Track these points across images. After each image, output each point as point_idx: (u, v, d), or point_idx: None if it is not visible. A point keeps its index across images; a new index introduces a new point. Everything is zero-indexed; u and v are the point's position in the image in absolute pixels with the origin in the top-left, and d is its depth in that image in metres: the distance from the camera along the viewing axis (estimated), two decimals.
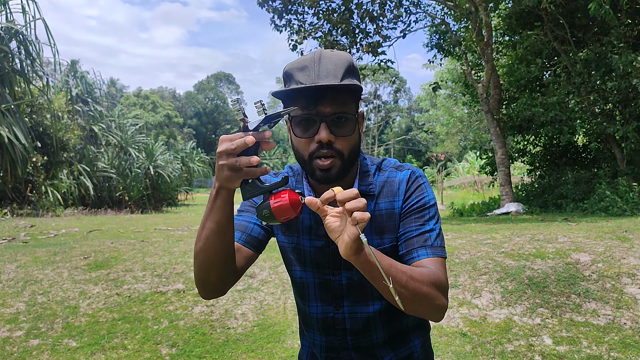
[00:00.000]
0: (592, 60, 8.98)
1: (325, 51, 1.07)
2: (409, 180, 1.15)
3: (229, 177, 0.91)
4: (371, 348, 1.20)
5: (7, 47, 12.37)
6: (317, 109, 1.02)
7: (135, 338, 3.45)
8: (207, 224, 0.99)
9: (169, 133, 46.09)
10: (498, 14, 12.47)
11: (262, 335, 3.48)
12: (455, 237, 5.30)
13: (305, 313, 1.25)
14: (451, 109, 30.36)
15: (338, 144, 1.05)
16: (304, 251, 1.19)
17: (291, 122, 1.07)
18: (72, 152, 16.74)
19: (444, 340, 3.22)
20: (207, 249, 1.01)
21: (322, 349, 1.24)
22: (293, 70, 1.06)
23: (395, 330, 1.22)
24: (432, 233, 1.09)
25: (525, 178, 15.10)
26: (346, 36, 11.89)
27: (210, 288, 1.09)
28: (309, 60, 1.05)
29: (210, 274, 1.05)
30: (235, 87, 74.56)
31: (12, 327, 3.59)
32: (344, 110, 1.04)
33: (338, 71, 1.03)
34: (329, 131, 1.02)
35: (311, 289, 1.21)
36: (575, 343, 3.03)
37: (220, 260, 1.03)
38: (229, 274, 1.08)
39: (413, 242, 1.08)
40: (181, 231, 7.83)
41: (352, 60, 1.08)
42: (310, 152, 1.06)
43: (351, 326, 1.19)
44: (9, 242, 6.67)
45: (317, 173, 1.06)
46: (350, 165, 1.09)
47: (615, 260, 4.00)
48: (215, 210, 0.97)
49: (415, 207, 1.11)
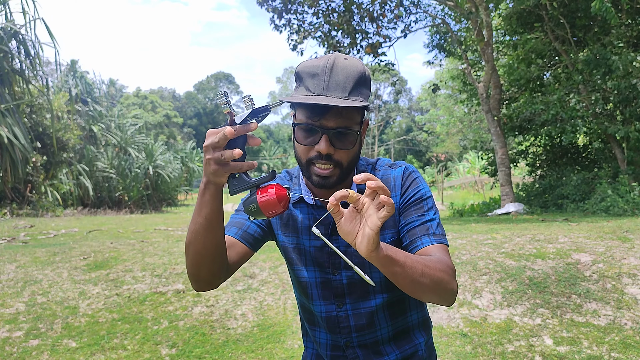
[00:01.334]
0: (592, 60, 8.97)
1: (340, 59, 1.06)
2: (403, 175, 1.18)
3: (215, 171, 0.91)
4: (376, 345, 1.22)
5: (6, 47, 12.37)
6: (320, 121, 1.03)
7: (135, 338, 3.44)
8: (196, 219, 1.00)
9: (168, 133, 46.07)
10: (499, 13, 12.47)
11: (262, 335, 3.47)
12: (456, 237, 5.29)
13: (310, 311, 1.26)
14: (451, 109, 30.37)
15: (337, 155, 1.06)
16: (305, 251, 1.20)
17: (294, 127, 1.08)
18: (71, 152, 16.74)
19: (445, 341, 3.21)
20: (196, 244, 1.02)
21: (328, 347, 1.25)
22: (304, 74, 1.07)
23: (400, 326, 1.23)
24: (432, 222, 1.12)
25: (526, 178, 15.09)
26: (346, 36, 11.88)
27: (201, 281, 1.10)
28: (321, 68, 1.04)
29: (201, 268, 1.06)
30: (235, 87, 74.55)
31: (12, 327, 3.58)
32: (347, 125, 1.05)
33: (348, 84, 1.03)
34: (329, 144, 1.04)
35: (314, 289, 1.22)
36: (576, 343, 3.02)
37: (210, 255, 1.04)
38: (220, 268, 1.08)
39: (416, 232, 1.10)
40: (181, 231, 7.82)
41: (365, 70, 1.07)
42: (309, 158, 1.07)
43: (355, 322, 1.20)
44: (8, 242, 6.66)
45: (314, 178, 1.08)
46: (349, 173, 1.12)
47: (616, 260, 3.99)
48: (204, 205, 0.98)
49: (414, 200, 1.14)
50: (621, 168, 9.56)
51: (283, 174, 1.29)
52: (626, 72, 8.46)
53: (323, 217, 1.02)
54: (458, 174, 30.19)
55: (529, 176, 13.24)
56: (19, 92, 13.34)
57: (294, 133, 1.09)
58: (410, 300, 1.24)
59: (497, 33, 12.78)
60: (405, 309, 1.24)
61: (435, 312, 3.55)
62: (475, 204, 14.56)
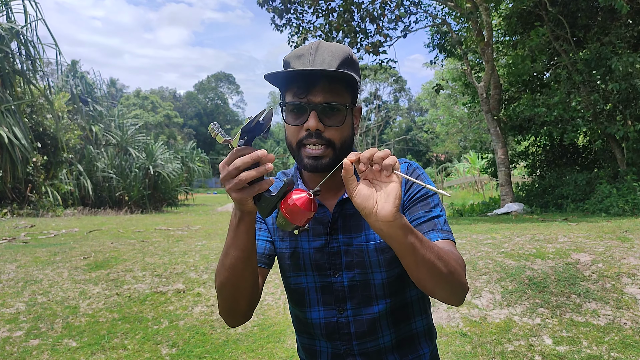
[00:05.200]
0: (593, 60, 8.98)
1: (324, 42, 1.07)
2: (407, 172, 1.15)
3: (239, 199, 0.88)
4: (379, 354, 1.16)
5: (7, 47, 12.38)
6: (307, 97, 1.02)
7: (135, 338, 3.45)
8: (232, 252, 0.98)
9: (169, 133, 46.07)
10: (499, 13, 12.47)
11: (262, 335, 3.48)
12: (456, 237, 5.27)
13: (306, 322, 1.21)
14: (451, 109, 30.36)
15: (328, 133, 1.03)
16: (303, 254, 1.17)
17: (283, 110, 1.07)
18: (72, 152, 16.74)
19: (444, 341, 3.22)
20: (235, 278, 1.00)
21: (329, 355, 1.19)
22: (290, 58, 1.07)
23: (404, 334, 1.18)
24: (439, 219, 1.09)
25: (525, 178, 15.09)
26: (347, 36, 11.90)
27: (240, 315, 1.08)
28: (307, 49, 1.05)
29: (240, 302, 1.05)
30: (236, 87, 74.57)
31: (12, 327, 3.59)
32: (335, 100, 1.03)
33: (334, 61, 1.03)
34: (318, 120, 1.01)
35: (312, 294, 1.17)
36: (576, 343, 3.03)
37: (249, 287, 1.03)
38: (257, 298, 1.08)
39: (423, 227, 1.08)
40: (181, 231, 7.82)
41: (351, 53, 1.07)
42: (299, 139, 1.05)
43: (356, 329, 1.15)
44: (9, 242, 6.67)
45: (305, 161, 1.05)
46: (343, 156, 1.06)
47: (616, 260, 3.99)
48: (240, 236, 0.95)
49: (420, 196, 1.12)
50: (621, 168, 9.56)
51: (278, 175, 1.27)
52: (626, 73, 8.46)
53: (324, 180, 0.96)
54: (458, 174, 30.18)
55: (529, 176, 13.24)
56: (19, 93, 13.35)
57: (283, 116, 1.07)
58: (414, 305, 1.19)
59: (497, 33, 12.78)
60: (410, 315, 1.19)
61: (435, 312, 3.55)
62: (475, 203, 14.57)
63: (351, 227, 1.14)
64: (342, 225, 1.14)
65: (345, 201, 1.14)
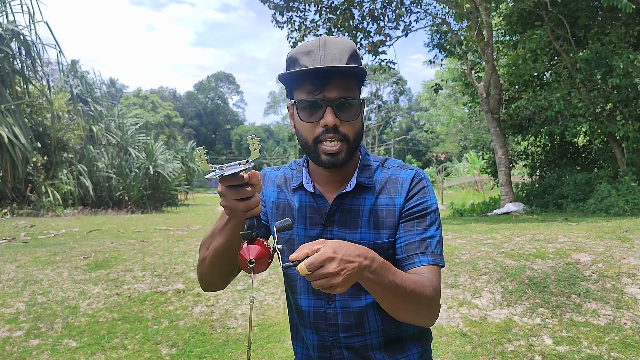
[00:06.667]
0: (593, 60, 8.97)
1: (330, 37, 1.08)
2: (413, 180, 1.14)
3: (231, 214, 0.95)
4: (365, 349, 1.17)
5: (7, 47, 12.38)
6: (322, 93, 1.03)
7: (135, 338, 3.45)
8: (217, 237, 1.03)
9: (169, 133, 46.06)
10: (499, 13, 12.46)
11: (262, 335, 3.48)
12: (455, 237, 5.29)
13: (297, 308, 1.23)
14: (451, 109, 30.35)
15: (343, 128, 1.05)
16: (298, 241, 1.18)
17: (296, 107, 1.08)
18: (72, 152, 16.74)
19: (444, 340, 3.22)
20: (215, 259, 1.05)
21: (316, 348, 1.21)
22: (298, 54, 1.07)
23: (393, 334, 1.18)
24: (433, 240, 1.09)
25: (525, 178, 15.09)
26: (347, 35, 11.90)
27: (212, 286, 1.16)
28: (314, 45, 1.06)
29: (214, 277, 1.11)
30: (236, 87, 74.57)
31: (12, 327, 3.58)
32: (349, 95, 1.05)
33: (343, 56, 1.05)
34: (334, 115, 1.03)
35: (302, 280, 1.19)
36: (576, 343, 3.03)
37: (225, 268, 1.08)
38: (230, 277, 1.13)
39: (414, 247, 1.08)
40: (181, 231, 7.82)
41: (355, 47, 1.09)
42: (315, 136, 1.06)
43: (343, 321, 1.15)
44: (9, 242, 6.67)
45: (322, 157, 1.07)
46: (355, 150, 1.10)
47: (616, 260, 3.99)
48: (227, 229, 1.00)
49: (417, 210, 1.11)
50: (621, 168, 9.56)
51: (290, 164, 1.28)
52: (626, 72, 8.45)
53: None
54: (458, 173, 30.17)
55: (529, 176, 13.25)
56: (19, 92, 13.35)
57: (297, 114, 1.08)
58: None
59: (497, 33, 12.78)
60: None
61: None
62: (475, 203, 14.57)
63: (347, 223, 1.15)
64: (339, 219, 1.15)
65: (345, 195, 1.15)
